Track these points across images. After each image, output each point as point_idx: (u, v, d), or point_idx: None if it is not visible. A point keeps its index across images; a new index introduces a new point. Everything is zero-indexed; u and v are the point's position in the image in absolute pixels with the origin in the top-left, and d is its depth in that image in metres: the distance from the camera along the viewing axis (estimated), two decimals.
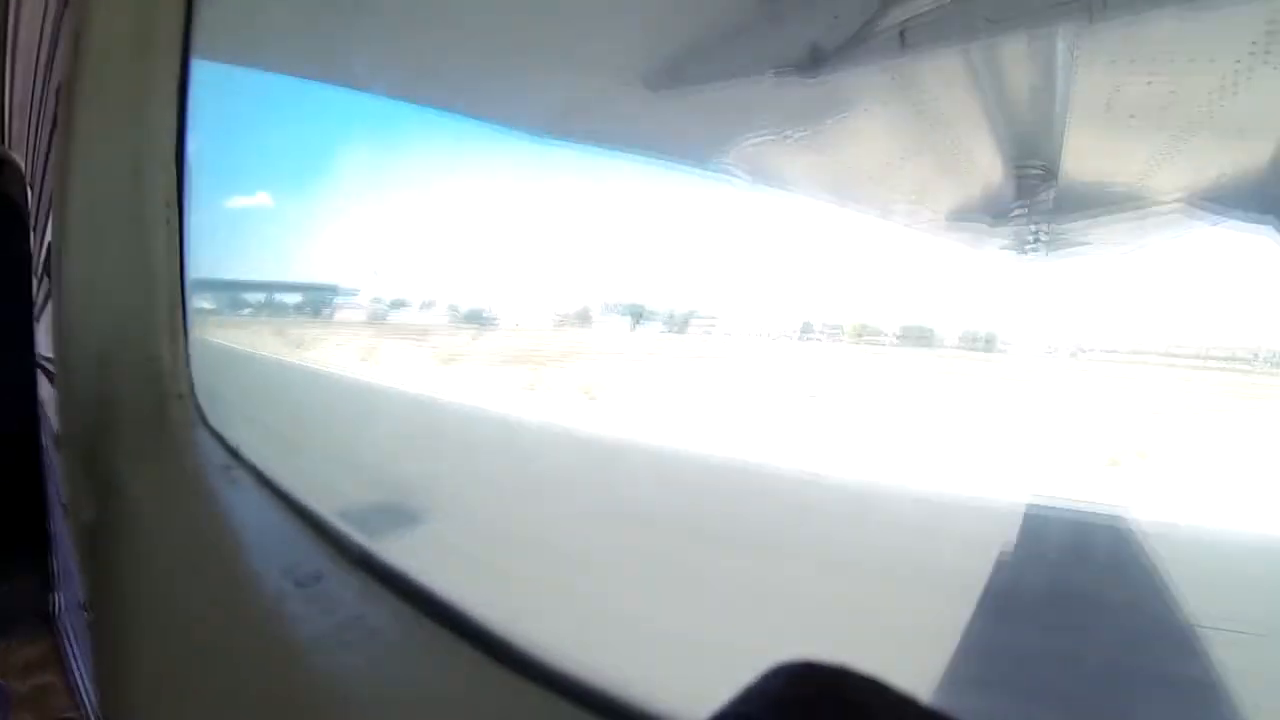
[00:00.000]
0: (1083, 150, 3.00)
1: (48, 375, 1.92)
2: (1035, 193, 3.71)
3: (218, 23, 1.43)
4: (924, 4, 1.78)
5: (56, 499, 2.06)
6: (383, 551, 0.91)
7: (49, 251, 1.48)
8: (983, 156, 3.15)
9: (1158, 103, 2.47)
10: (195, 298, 1.39)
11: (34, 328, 2.28)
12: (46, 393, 2.01)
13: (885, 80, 2.24)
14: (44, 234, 1.77)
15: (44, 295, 1.86)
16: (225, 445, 1.31)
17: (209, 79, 1.41)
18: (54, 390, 1.51)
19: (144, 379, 1.28)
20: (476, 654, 0.69)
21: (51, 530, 2.36)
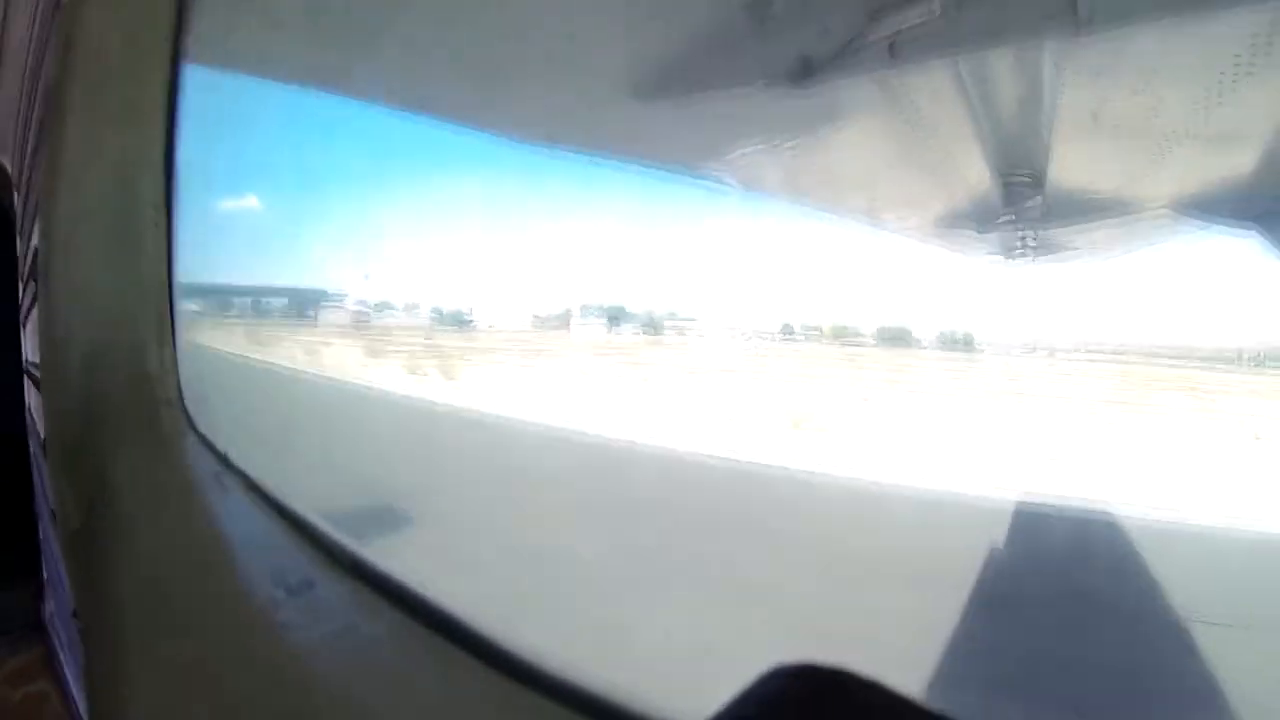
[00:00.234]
0: (1069, 160, 3.04)
1: (34, 381, 1.90)
2: (1022, 201, 3.75)
3: (209, 27, 1.42)
4: (913, 17, 1.80)
5: (46, 506, 2.04)
6: (376, 558, 0.90)
7: (35, 256, 1.47)
8: (971, 166, 3.18)
9: (1143, 114, 2.51)
10: (184, 302, 1.39)
11: (21, 334, 2.26)
12: (34, 399, 2.00)
13: (875, 91, 2.26)
14: (31, 238, 1.76)
15: (30, 300, 1.85)
16: (215, 452, 1.31)
17: (199, 83, 1.41)
18: (41, 396, 1.50)
19: (132, 385, 1.27)
20: (476, 663, 0.68)
21: (41, 537, 2.34)
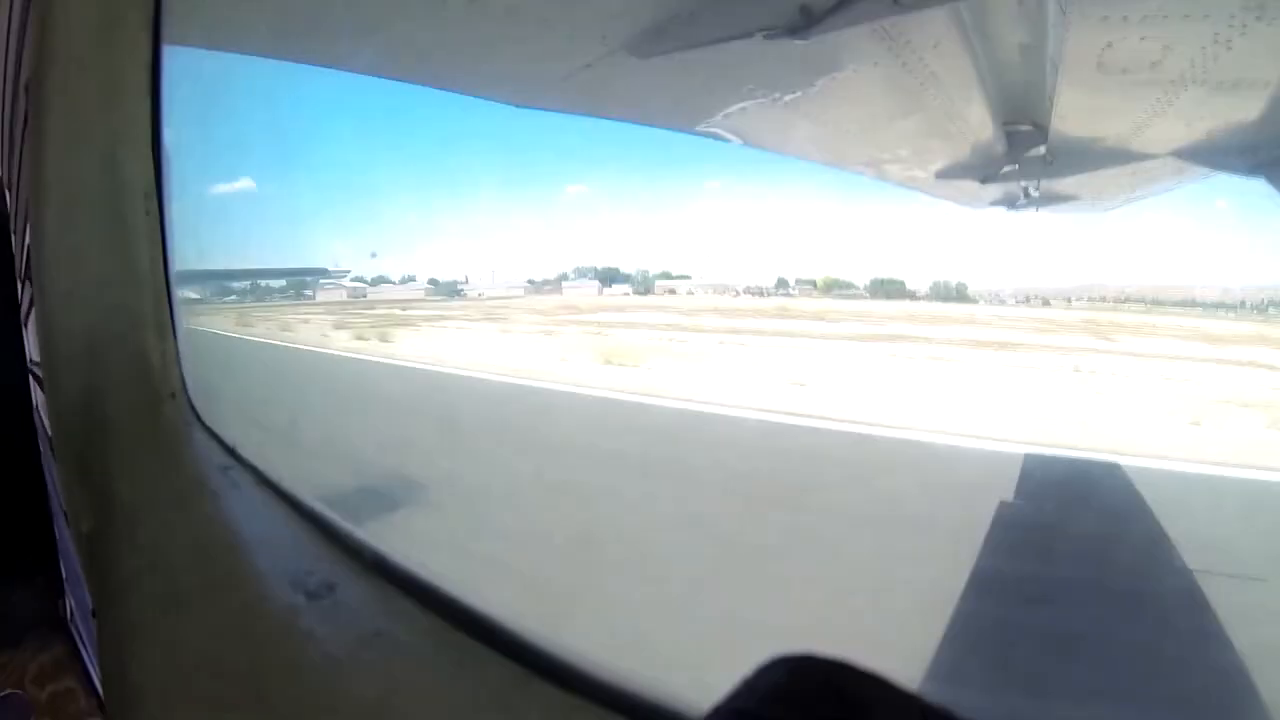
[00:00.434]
0: (1073, 107, 2.97)
1: (38, 381, 1.89)
2: (1026, 149, 3.69)
3: (188, 6, 1.38)
4: None
5: (59, 505, 2.04)
6: (401, 555, 0.85)
7: (29, 253, 1.45)
8: (973, 114, 3.12)
9: (1149, 59, 2.44)
10: (182, 290, 1.36)
11: (23, 333, 2.25)
12: (40, 398, 1.99)
13: (876, 39, 2.20)
14: (25, 236, 1.73)
15: (29, 299, 1.83)
16: (223, 444, 1.28)
17: (183, 64, 1.36)
18: (44, 395, 1.48)
19: (133, 379, 1.25)
20: (514, 666, 0.64)
21: (57, 535, 2.35)
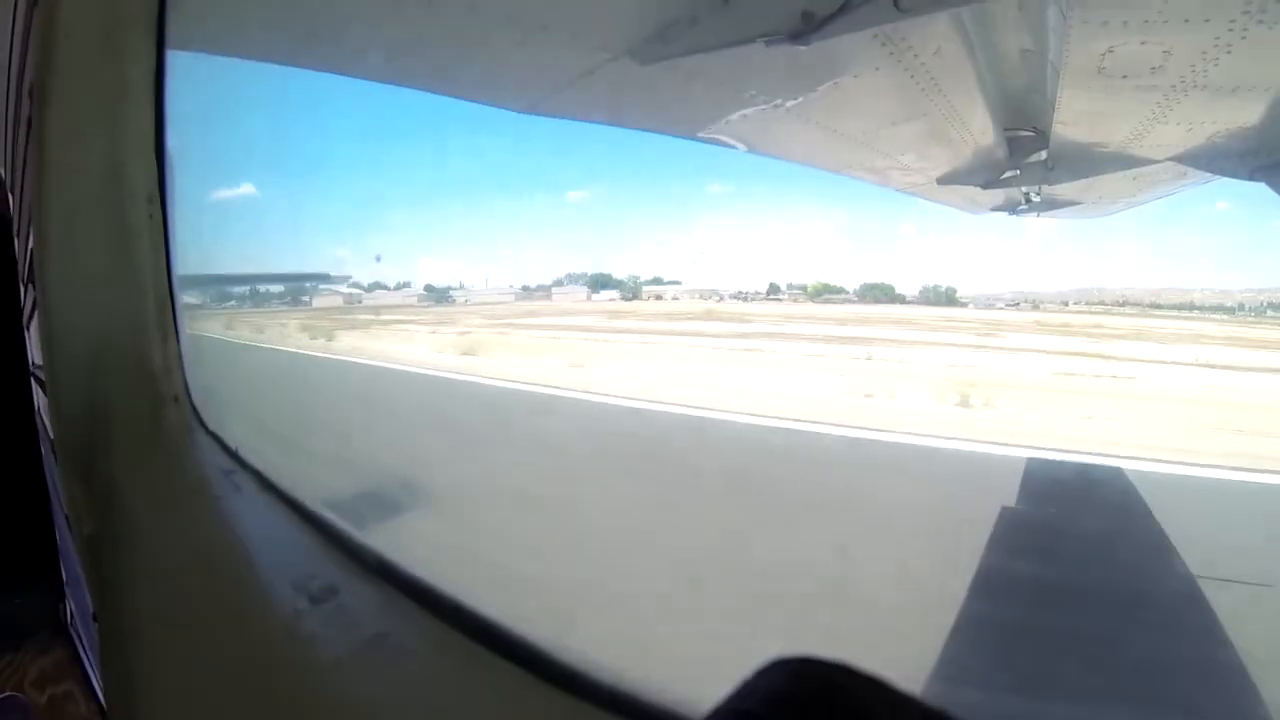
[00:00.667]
0: (1074, 112, 2.97)
1: (40, 384, 1.89)
2: (1027, 155, 3.69)
3: (192, 11, 1.38)
4: None
5: (60, 508, 2.04)
6: (404, 559, 0.84)
7: (32, 256, 1.45)
8: (975, 119, 3.12)
9: (1150, 64, 2.44)
10: (184, 294, 1.36)
11: (26, 336, 2.26)
12: (42, 402, 1.99)
13: (878, 45, 2.20)
14: (28, 240, 1.73)
15: (32, 302, 1.83)
16: (225, 448, 1.28)
17: (187, 69, 1.37)
18: (46, 399, 1.48)
19: (136, 383, 1.25)
20: (516, 669, 0.64)
21: (59, 538, 2.35)
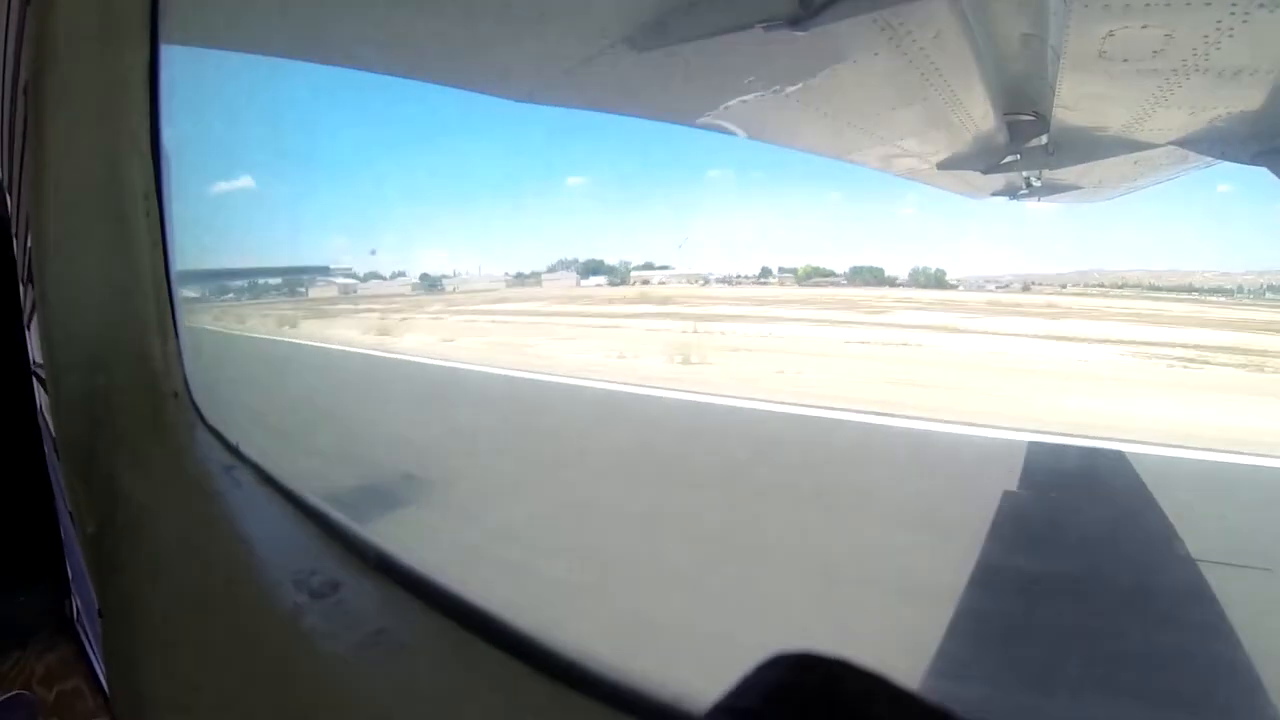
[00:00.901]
0: (1075, 96, 2.95)
1: (41, 383, 1.90)
2: (1027, 139, 3.67)
3: (186, 5, 1.38)
4: None
5: (64, 506, 2.05)
6: (406, 554, 0.84)
7: (30, 255, 1.45)
8: (975, 104, 3.10)
9: (1151, 47, 2.42)
10: (183, 290, 1.36)
11: (26, 335, 2.26)
12: (43, 401, 1.99)
13: (876, 30, 2.18)
14: (27, 240, 1.73)
15: (31, 301, 1.83)
16: (226, 444, 1.28)
17: (182, 64, 1.36)
18: (47, 397, 1.49)
19: (136, 379, 1.25)
20: (518, 663, 0.64)
21: (63, 536, 2.36)
